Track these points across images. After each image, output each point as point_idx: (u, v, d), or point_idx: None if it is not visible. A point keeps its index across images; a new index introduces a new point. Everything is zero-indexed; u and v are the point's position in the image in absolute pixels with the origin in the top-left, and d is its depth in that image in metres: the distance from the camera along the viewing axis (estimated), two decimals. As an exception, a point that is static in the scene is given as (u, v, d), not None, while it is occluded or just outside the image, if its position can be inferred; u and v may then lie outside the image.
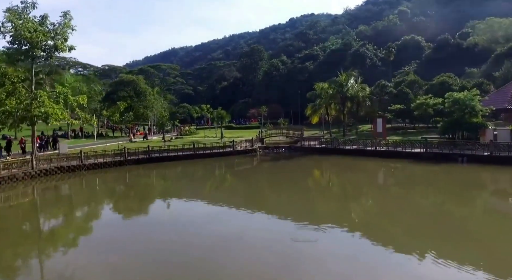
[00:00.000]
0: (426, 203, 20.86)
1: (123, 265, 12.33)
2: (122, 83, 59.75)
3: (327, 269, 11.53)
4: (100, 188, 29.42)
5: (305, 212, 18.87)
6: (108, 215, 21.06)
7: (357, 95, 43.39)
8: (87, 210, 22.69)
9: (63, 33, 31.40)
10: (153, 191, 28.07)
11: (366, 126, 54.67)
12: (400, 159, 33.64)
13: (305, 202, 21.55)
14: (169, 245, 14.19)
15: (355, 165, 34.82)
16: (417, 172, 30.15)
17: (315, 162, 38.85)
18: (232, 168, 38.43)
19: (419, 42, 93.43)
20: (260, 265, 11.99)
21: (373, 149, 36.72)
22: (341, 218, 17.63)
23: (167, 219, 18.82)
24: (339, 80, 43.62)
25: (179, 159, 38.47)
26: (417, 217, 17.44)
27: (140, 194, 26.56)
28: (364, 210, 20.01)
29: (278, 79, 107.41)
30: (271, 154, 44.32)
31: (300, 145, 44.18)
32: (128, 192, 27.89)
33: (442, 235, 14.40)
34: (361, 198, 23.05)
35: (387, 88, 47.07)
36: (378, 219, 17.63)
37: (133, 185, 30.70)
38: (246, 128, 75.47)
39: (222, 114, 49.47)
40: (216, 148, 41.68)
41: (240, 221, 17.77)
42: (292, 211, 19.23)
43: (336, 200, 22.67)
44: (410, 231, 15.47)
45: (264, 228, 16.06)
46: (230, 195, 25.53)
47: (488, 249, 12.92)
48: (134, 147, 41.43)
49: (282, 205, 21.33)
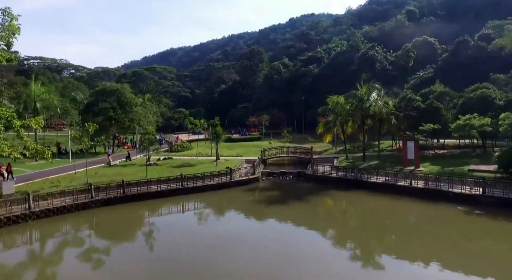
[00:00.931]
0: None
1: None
2: (104, 93, 51.21)
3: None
4: (33, 258, 20.84)
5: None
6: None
7: (380, 111, 35.10)
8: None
9: (3, 37, 23.05)
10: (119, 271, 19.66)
11: (385, 143, 46.39)
12: (447, 202, 25.29)
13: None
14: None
15: (390, 211, 26.14)
16: (493, 229, 21.64)
17: (334, 202, 30.44)
18: (227, 209, 30.14)
19: (432, 44, 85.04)
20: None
21: (407, 185, 28.41)
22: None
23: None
24: (360, 94, 35.28)
25: (163, 196, 30.12)
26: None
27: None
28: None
29: (280, 83, 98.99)
30: (277, 183, 36.04)
31: (312, 172, 35.87)
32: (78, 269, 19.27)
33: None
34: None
35: (414, 102, 38.69)
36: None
37: (91, 250, 21.73)
38: (246, 140, 67.07)
39: (218, 131, 41.14)
40: (209, 178, 33.29)
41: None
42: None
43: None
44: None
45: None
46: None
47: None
48: (109, 177, 33.17)
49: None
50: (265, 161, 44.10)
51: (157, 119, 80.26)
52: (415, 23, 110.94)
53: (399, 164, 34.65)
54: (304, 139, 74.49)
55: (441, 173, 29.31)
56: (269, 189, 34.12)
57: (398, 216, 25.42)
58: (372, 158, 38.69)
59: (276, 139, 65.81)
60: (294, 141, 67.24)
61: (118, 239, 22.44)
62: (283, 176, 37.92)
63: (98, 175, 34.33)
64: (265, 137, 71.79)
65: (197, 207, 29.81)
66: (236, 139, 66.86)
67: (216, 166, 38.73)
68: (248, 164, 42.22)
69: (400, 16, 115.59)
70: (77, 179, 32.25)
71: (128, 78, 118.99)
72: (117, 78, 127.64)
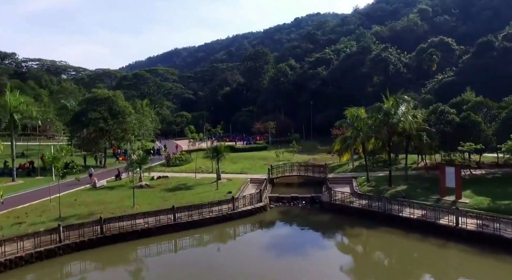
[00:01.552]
0: None
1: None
2: (94, 101, 45.63)
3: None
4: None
5: None
6: None
7: (411, 128, 29.15)
8: None
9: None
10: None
11: (411, 157, 40.03)
12: (510, 254, 19.41)
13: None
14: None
15: (434, 265, 20.06)
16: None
17: (360, 248, 24.56)
18: (227, 258, 24.38)
19: (449, 45, 78.60)
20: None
21: (453, 226, 22.45)
22: None
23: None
24: (386, 107, 29.32)
25: (151, 235, 24.42)
26: None
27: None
28: None
29: (286, 85, 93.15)
30: (287, 214, 30.26)
31: (329, 199, 30.01)
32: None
33: None
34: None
35: (448, 115, 32.64)
36: None
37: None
38: (251, 150, 61.29)
39: (220, 148, 35.41)
40: (207, 207, 27.49)
41: None
42: None
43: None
44: None
45: None
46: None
47: None
48: (88, 206, 27.53)
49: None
50: (273, 180, 38.34)
51: (156, 126, 74.94)
52: (428, 22, 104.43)
53: (433, 189, 28.69)
54: (313, 147, 68.65)
55: (494, 208, 23.29)
56: (279, 223, 28.31)
57: (448, 275, 19.45)
58: (398, 179, 32.69)
59: (283, 148, 60.08)
60: (303, 149, 61.43)
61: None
62: (294, 202, 32.10)
63: (77, 204, 28.72)
64: (271, 146, 66.05)
65: (191, 252, 24.07)
66: (240, 149, 61.07)
67: (216, 190, 33.00)
68: (254, 184, 36.58)
69: (413, 15, 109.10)
70: (50, 211, 26.62)
71: (129, 80, 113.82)
72: (118, 80, 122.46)
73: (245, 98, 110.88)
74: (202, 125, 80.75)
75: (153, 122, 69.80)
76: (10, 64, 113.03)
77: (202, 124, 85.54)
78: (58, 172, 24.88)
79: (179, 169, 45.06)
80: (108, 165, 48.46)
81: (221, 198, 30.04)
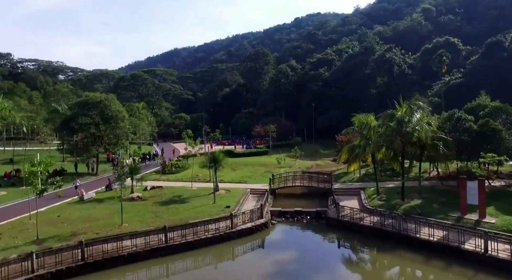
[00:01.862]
0: None
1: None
2: (85, 105, 42.75)
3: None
4: None
5: None
6: None
7: (427, 137, 26.33)
8: None
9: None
10: None
11: (424, 165, 37.12)
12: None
13: None
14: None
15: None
16: None
17: (374, 274, 21.71)
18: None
19: (456, 45, 75.72)
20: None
21: (481, 252, 19.61)
22: None
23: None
24: (399, 115, 26.44)
25: (139, 259, 21.60)
26: None
27: None
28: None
29: (287, 87, 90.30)
30: (291, 232, 27.49)
31: (336, 215, 27.16)
32: None
33: None
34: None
35: (466, 122, 29.79)
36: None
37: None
38: (251, 155, 58.43)
39: (218, 158, 32.56)
40: (203, 225, 24.61)
41: None
42: None
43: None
44: None
45: None
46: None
47: None
48: (73, 224, 24.69)
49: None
50: (275, 190, 35.53)
51: (153, 129, 72.13)
52: (432, 22, 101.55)
53: (451, 205, 25.82)
54: (315, 152, 65.98)
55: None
56: (282, 244, 25.46)
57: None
58: (410, 191, 29.77)
59: (285, 153, 57.29)
60: (305, 153, 58.70)
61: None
62: (298, 217, 29.27)
63: (59, 221, 25.85)
64: (272, 150, 63.21)
65: (184, 279, 21.24)
66: (240, 154, 58.22)
67: (213, 203, 30.14)
68: (254, 196, 33.79)
69: (416, 14, 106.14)
70: (28, 230, 23.72)
71: (126, 81, 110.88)
72: (115, 81, 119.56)
73: (245, 100, 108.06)
74: (201, 127, 77.96)
75: (150, 126, 66.85)
76: (5, 65, 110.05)
77: (201, 126, 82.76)
78: (35, 188, 22.00)
79: (175, 177, 42.20)
80: (101, 172, 45.65)
81: (219, 213, 27.35)
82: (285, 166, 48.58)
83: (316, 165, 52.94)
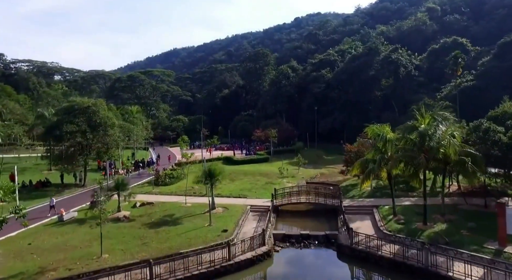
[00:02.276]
0: None
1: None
2: (72, 112, 38.95)
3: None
4: None
5: None
6: None
7: (455, 153, 22.60)
8: None
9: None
10: None
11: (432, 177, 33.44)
12: None
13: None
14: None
15: None
16: None
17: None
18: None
19: (464, 46, 71.90)
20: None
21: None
22: None
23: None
24: (423, 128, 22.69)
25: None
26: None
27: None
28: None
29: (288, 89, 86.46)
30: (297, 263, 23.69)
31: (349, 242, 23.42)
32: None
33: None
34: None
35: (495, 134, 26.09)
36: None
37: None
38: (251, 162, 54.69)
39: (214, 172, 28.77)
40: (196, 255, 20.86)
41: None
42: None
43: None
44: None
45: None
46: None
47: None
48: (43, 256, 20.87)
49: None
50: (277, 207, 31.81)
51: (148, 134, 68.36)
52: (437, 22, 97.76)
53: (483, 232, 22.12)
54: (318, 158, 62.27)
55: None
56: (286, 277, 21.73)
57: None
58: (431, 211, 25.92)
59: (287, 159, 53.65)
60: (308, 160, 54.73)
61: None
62: (305, 241, 25.54)
63: (29, 251, 22.06)
64: (273, 156, 59.51)
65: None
66: (239, 161, 54.48)
67: (209, 225, 26.40)
68: (255, 214, 30.08)
69: (421, 14, 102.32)
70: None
71: (123, 83, 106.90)
72: (112, 82, 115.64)
73: (245, 102, 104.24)
74: (200, 130, 74.28)
75: (144, 130, 63.02)
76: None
77: (199, 129, 79.12)
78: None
79: (169, 190, 38.40)
80: (91, 181, 41.63)
81: (215, 239, 23.73)
82: (288, 176, 44.92)
83: (321, 174, 49.33)
